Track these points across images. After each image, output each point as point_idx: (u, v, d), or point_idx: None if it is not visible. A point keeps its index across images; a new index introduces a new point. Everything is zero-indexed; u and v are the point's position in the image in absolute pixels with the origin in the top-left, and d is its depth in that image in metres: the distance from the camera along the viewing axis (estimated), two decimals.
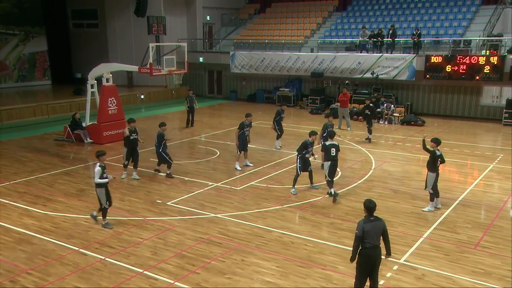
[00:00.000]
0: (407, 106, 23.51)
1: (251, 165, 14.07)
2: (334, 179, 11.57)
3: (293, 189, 11.88)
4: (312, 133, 12.04)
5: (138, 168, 13.14)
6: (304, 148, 11.88)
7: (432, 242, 9.14)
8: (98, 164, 9.63)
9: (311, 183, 12.27)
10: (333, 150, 11.34)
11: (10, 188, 12.30)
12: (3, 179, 12.99)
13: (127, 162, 12.94)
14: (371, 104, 18.20)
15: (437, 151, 10.47)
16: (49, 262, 8.27)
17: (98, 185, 9.61)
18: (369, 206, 6.68)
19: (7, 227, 9.78)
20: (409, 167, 14.45)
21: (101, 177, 9.49)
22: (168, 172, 13.17)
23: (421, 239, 9.26)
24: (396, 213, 10.62)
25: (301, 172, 11.89)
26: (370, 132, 17.91)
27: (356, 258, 6.70)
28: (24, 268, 8.09)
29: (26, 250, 8.75)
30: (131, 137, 12.82)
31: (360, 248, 6.59)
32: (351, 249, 6.82)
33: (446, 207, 10.91)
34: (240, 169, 13.80)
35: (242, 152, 14.01)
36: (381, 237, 6.72)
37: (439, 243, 9.11)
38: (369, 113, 17.85)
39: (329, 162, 11.30)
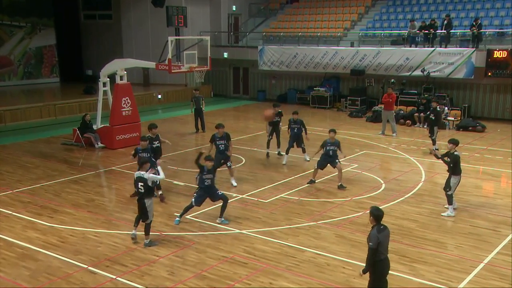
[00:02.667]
0: (464, 109, 23.06)
1: (235, 184, 13.54)
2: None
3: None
4: (331, 131, 13.29)
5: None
6: (322, 147, 13.29)
7: (494, 269, 8.89)
8: (142, 173, 9.62)
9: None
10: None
11: (13, 197, 12.65)
12: (5, 187, 13.38)
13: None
14: (438, 108, 17.44)
15: (456, 153, 11.17)
16: (54, 281, 8.43)
17: (149, 196, 9.65)
18: (378, 215, 6.94)
19: (10, 241, 10.03)
20: (466, 180, 14.08)
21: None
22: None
23: (481, 265, 9.02)
24: (451, 233, 10.40)
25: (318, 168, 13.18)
26: (434, 142, 16.95)
27: (371, 273, 6.92)
28: (27, 287, 8.27)
29: (29, 267, 8.96)
30: (154, 145, 12.60)
31: (375, 260, 6.81)
32: (393, 272, 7.07)
33: (511, 229, 10.62)
34: (235, 184, 13.46)
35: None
36: None
37: (503, 270, 8.85)
38: (433, 118, 16.91)
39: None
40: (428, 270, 8.80)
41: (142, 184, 9.58)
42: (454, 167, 11.19)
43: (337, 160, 13.30)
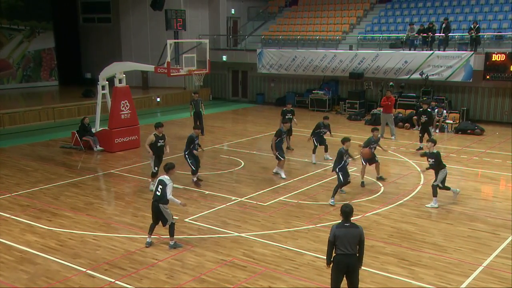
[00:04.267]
0: (462, 112, 23.08)
1: (181, 187, 13.46)
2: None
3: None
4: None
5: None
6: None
7: (493, 272, 8.88)
8: (167, 178, 9.65)
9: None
10: None
11: (11, 200, 12.63)
12: (4, 191, 13.36)
13: (156, 168, 12.93)
14: (429, 109, 18.01)
15: (434, 151, 12.10)
16: (53, 285, 8.42)
17: (165, 202, 9.63)
18: (345, 211, 7.14)
19: (8, 244, 10.02)
20: (465, 183, 14.14)
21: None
22: (194, 180, 13.60)
23: (480, 268, 9.02)
24: (450, 236, 10.40)
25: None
26: (422, 141, 17.57)
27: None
28: None
29: (28, 270, 8.94)
30: (158, 144, 13.04)
31: (334, 254, 7.15)
32: (392, 276, 7.12)
33: (510, 232, 10.62)
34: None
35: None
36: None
37: (502, 273, 8.85)
38: (427, 119, 17.54)
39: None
40: (427, 273, 8.80)
41: (161, 187, 9.55)
42: (439, 164, 12.05)
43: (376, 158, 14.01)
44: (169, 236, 9.83)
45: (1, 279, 8.61)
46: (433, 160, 12.05)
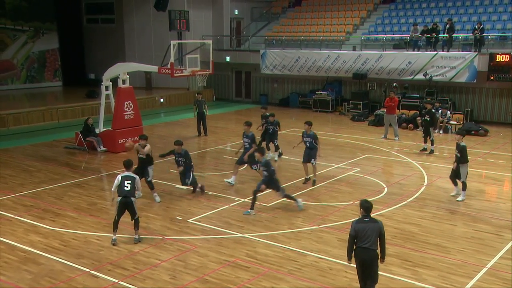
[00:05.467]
0: (466, 113, 23.03)
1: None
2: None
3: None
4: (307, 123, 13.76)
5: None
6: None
7: (497, 273, 8.86)
8: (132, 173, 10.01)
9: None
10: None
11: (15, 201, 12.67)
12: (8, 191, 13.40)
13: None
14: (433, 110, 18.02)
15: (462, 143, 12.48)
16: (57, 285, 8.44)
17: (134, 195, 9.99)
18: (366, 206, 7.38)
19: (12, 244, 10.05)
20: (469, 184, 14.00)
21: None
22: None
23: (484, 270, 8.99)
24: (453, 238, 10.37)
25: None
26: (432, 142, 17.56)
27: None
28: None
29: (31, 270, 8.97)
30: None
31: (354, 247, 7.36)
32: (395, 277, 7.19)
33: None
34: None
35: None
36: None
37: (506, 274, 8.82)
38: (428, 119, 17.44)
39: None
40: (430, 274, 8.78)
41: (129, 182, 9.87)
42: (464, 157, 12.42)
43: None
44: (135, 230, 10.05)
45: (5, 279, 8.64)
46: (458, 151, 12.51)
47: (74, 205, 12.31)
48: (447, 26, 23.81)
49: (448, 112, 21.77)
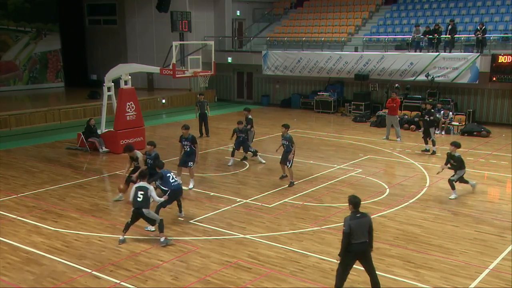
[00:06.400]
0: (468, 114, 23.00)
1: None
2: None
3: None
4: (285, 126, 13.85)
5: None
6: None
7: (500, 275, 8.84)
8: (145, 184, 9.96)
9: None
10: None
11: (18, 201, 12.68)
12: (10, 192, 13.42)
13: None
14: (432, 110, 18.12)
15: (457, 154, 12.84)
16: (59, 286, 8.44)
17: (147, 206, 9.92)
18: (354, 201, 7.63)
19: (14, 245, 10.06)
20: None
21: None
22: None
23: (487, 271, 8.97)
24: (456, 239, 10.35)
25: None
26: (426, 142, 17.72)
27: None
28: None
29: (34, 271, 8.97)
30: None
31: (348, 243, 7.55)
32: (398, 278, 7.24)
33: None
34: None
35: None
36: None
37: (509, 276, 8.80)
38: (428, 120, 17.55)
39: None
40: (433, 276, 8.76)
41: (142, 193, 9.77)
42: (460, 165, 12.83)
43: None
44: (159, 233, 9.97)
45: (8, 280, 8.64)
46: (456, 164, 12.89)
47: (77, 206, 12.32)
48: (449, 27, 23.79)
49: (450, 113, 21.74)
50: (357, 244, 7.52)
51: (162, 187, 11.00)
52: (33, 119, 22.80)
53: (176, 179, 11.18)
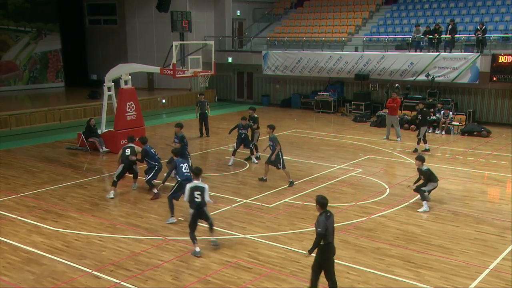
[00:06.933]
0: (469, 114, 23.01)
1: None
2: None
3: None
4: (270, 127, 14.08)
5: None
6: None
7: (500, 275, 8.84)
8: (201, 182, 9.72)
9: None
10: None
11: (18, 201, 12.69)
12: (11, 192, 13.42)
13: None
14: (424, 109, 18.23)
15: (425, 168, 12.17)
16: (59, 286, 8.45)
17: (205, 205, 9.79)
18: (322, 202, 7.69)
19: (15, 245, 10.06)
20: (472, 185, 14.08)
21: None
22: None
23: (487, 271, 8.98)
24: (456, 239, 10.35)
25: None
26: (425, 141, 17.83)
27: (319, 255, 7.70)
28: None
29: (34, 271, 8.98)
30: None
31: (322, 243, 7.56)
32: (398, 278, 7.19)
33: None
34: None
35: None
36: None
37: (509, 276, 8.80)
38: (420, 118, 17.79)
39: None
40: (433, 276, 8.77)
41: (199, 193, 9.52)
42: (430, 179, 12.13)
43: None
44: (211, 233, 9.93)
45: (8, 280, 8.65)
46: (424, 177, 12.21)
47: (77, 206, 12.32)
48: (449, 27, 23.79)
49: (450, 113, 21.74)
50: (331, 244, 7.65)
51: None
52: (33, 119, 22.80)
53: (187, 169, 11.37)
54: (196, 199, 9.51)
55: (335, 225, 10.89)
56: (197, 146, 19.13)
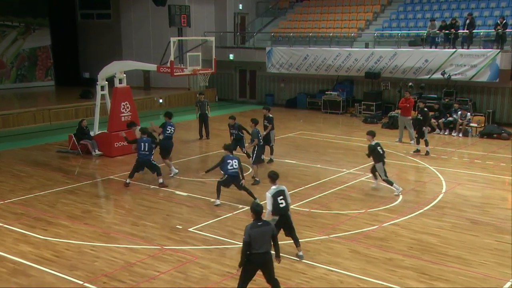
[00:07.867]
0: (488, 115, 22.95)
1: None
2: None
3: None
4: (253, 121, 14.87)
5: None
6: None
7: None
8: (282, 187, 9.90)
9: None
10: None
11: (5, 208, 12.70)
12: None
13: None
14: (425, 109, 18.40)
15: (373, 143, 13.41)
16: None
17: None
18: (257, 210, 7.78)
19: (1, 255, 10.05)
20: (492, 192, 14.04)
21: None
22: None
23: (508, 284, 8.94)
24: (475, 249, 10.32)
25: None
26: (418, 142, 18.13)
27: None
28: None
29: (21, 283, 8.97)
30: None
31: (248, 253, 7.70)
32: None
33: None
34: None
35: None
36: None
37: None
38: (421, 118, 17.91)
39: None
40: None
41: (283, 197, 9.64)
42: (373, 156, 13.43)
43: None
44: (298, 246, 9.91)
45: None
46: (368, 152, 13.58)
47: (67, 213, 12.33)
48: (467, 21, 23.79)
49: (468, 113, 21.71)
50: (258, 254, 7.67)
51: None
52: (21, 120, 22.87)
53: (235, 166, 12.45)
54: (281, 205, 9.66)
55: (346, 233, 10.95)
56: (197, 149, 19.14)
